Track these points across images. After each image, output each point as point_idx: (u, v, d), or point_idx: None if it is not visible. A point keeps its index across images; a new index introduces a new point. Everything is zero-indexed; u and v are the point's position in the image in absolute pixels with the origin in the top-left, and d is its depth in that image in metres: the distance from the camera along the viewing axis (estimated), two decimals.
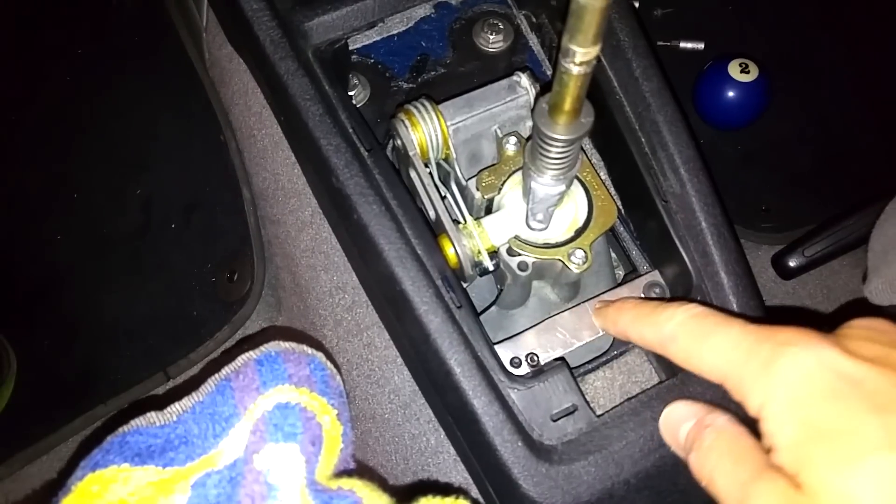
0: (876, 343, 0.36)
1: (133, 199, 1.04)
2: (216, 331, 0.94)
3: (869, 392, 0.33)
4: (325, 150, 0.57)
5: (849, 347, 0.35)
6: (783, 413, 0.34)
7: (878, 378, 0.34)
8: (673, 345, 0.42)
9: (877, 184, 0.84)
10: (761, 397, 0.36)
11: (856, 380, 0.34)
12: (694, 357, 0.41)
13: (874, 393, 0.33)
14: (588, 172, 0.56)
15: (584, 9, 0.34)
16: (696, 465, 0.40)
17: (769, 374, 0.35)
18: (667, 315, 0.43)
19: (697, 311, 0.42)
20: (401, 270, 0.53)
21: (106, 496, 0.38)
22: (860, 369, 0.34)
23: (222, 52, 0.82)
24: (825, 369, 0.34)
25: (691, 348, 0.41)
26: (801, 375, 0.35)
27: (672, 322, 0.43)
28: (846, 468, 0.32)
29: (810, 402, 0.34)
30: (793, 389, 0.34)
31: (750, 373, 0.37)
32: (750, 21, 1.25)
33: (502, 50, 0.67)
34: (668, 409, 0.46)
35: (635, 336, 0.48)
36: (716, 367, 0.39)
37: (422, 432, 0.63)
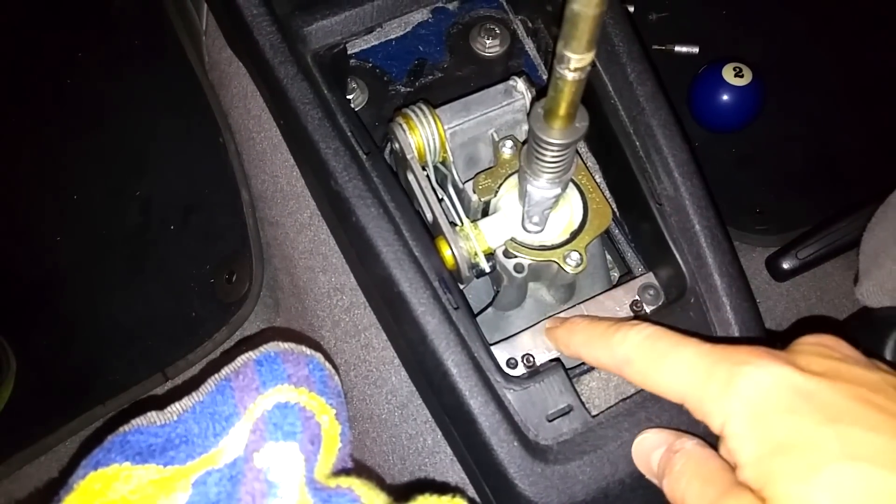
0: (826, 358, 0.37)
1: (132, 201, 1.04)
2: (214, 332, 0.94)
3: (822, 404, 0.34)
4: (324, 154, 0.57)
5: (800, 363, 0.36)
6: (744, 430, 0.35)
7: (830, 391, 0.35)
8: (628, 367, 0.43)
9: (868, 187, 0.84)
10: (722, 416, 0.36)
11: (809, 393, 0.35)
12: (651, 379, 0.41)
13: (827, 405, 0.34)
14: (583, 175, 0.57)
15: (578, 16, 0.35)
16: (669, 489, 0.41)
17: (728, 394, 0.36)
18: (619, 337, 0.44)
19: (650, 332, 0.42)
20: (398, 272, 0.54)
21: (108, 494, 0.38)
22: (812, 383, 0.35)
23: (222, 56, 0.82)
24: (781, 386, 0.35)
25: (647, 370, 0.41)
26: (758, 393, 0.36)
27: (625, 344, 0.43)
28: (806, 480, 0.32)
29: (768, 418, 0.35)
30: (751, 407, 0.35)
31: (709, 393, 0.37)
32: (744, 26, 1.26)
33: (499, 55, 0.67)
34: (639, 438, 0.47)
35: (589, 359, 0.48)
36: (673, 389, 0.40)
37: (419, 432, 0.63)
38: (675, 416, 0.52)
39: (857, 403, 0.34)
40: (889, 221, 0.68)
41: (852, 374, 0.36)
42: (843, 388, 0.35)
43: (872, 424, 0.33)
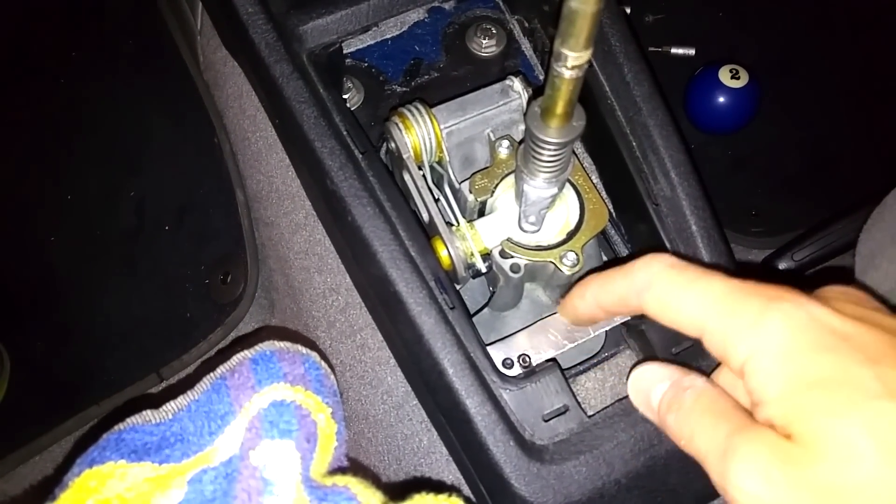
0: (857, 305, 0.36)
1: (127, 201, 1.04)
2: (209, 332, 0.94)
3: (860, 346, 0.33)
4: (320, 153, 0.57)
5: (835, 307, 0.35)
6: (772, 366, 0.34)
7: (867, 334, 0.34)
8: (647, 293, 0.40)
9: (864, 189, 0.85)
10: (748, 351, 0.35)
11: (846, 335, 0.34)
12: (671, 307, 0.39)
13: (865, 347, 0.33)
14: (580, 176, 0.57)
15: (576, 13, 0.35)
16: (676, 426, 0.39)
17: (758, 328, 0.35)
18: (640, 264, 0.41)
19: (675, 261, 0.40)
20: (394, 272, 0.54)
21: (103, 491, 0.38)
22: (849, 326, 0.34)
23: (217, 56, 0.82)
24: (816, 324, 0.34)
25: (668, 297, 0.39)
26: (791, 330, 0.34)
27: (647, 270, 0.40)
28: (842, 414, 0.31)
29: (801, 355, 0.34)
30: (783, 343, 0.34)
31: (736, 326, 0.36)
32: (740, 28, 1.27)
33: (495, 54, 0.67)
34: (639, 370, 0.43)
35: (607, 298, 0.44)
36: (694, 319, 0.38)
37: (414, 433, 0.63)
38: None
39: (893, 349, 0.33)
40: (885, 223, 0.68)
41: (884, 321, 0.35)
42: (879, 333, 0.34)
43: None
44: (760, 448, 0.33)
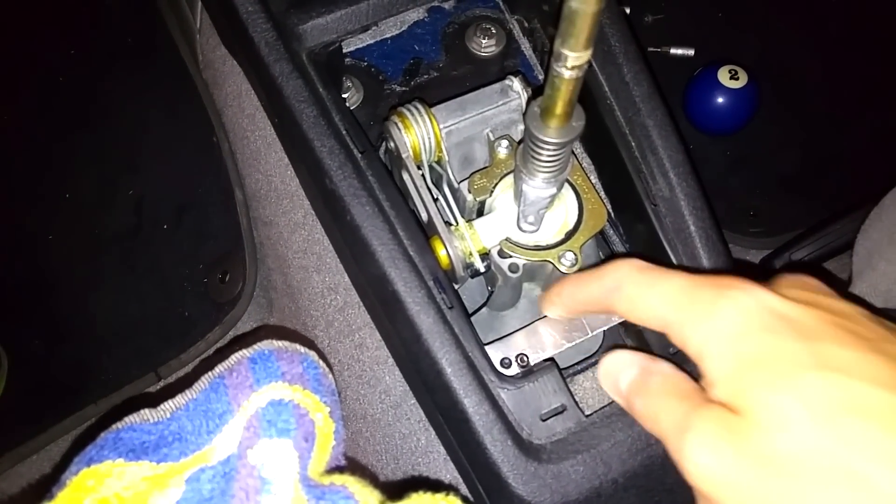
0: (805, 290, 0.39)
1: (125, 200, 1.04)
2: (207, 331, 0.94)
3: (799, 325, 0.36)
4: (319, 152, 0.57)
5: (782, 292, 0.38)
6: (722, 349, 0.36)
7: (807, 315, 0.36)
8: (618, 294, 0.43)
9: (862, 189, 0.85)
10: (702, 337, 0.37)
11: (789, 317, 0.36)
12: (639, 305, 0.42)
13: (803, 326, 0.35)
14: (578, 176, 0.57)
15: (576, 13, 0.35)
16: (643, 409, 0.41)
17: (710, 315, 0.37)
18: (610, 268, 0.44)
19: (641, 264, 0.43)
20: (393, 271, 0.54)
21: (101, 490, 0.38)
22: (792, 308, 0.36)
23: (216, 54, 0.82)
24: (762, 309, 0.36)
25: (636, 296, 0.42)
26: (740, 315, 0.37)
27: (617, 273, 0.43)
28: (778, 388, 0.34)
29: (747, 337, 0.36)
30: (731, 328, 0.37)
31: (692, 316, 0.38)
32: (739, 29, 1.27)
33: (494, 54, 0.67)
34: (609, 358, 0.45)
35: (579, 298, 0.47)
36: (658, 315, 0.40)
37: (412, 432, 0.63)
38: None
39: (831, 327, 0.35)
40: (883, 223, 0.68)
41: (829, 304, 0.37)
42: (820, 313, 0.36)
43: (845, 343, 0.35)
44: (710, 424, 0.36)
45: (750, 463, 0.34)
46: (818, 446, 0.32)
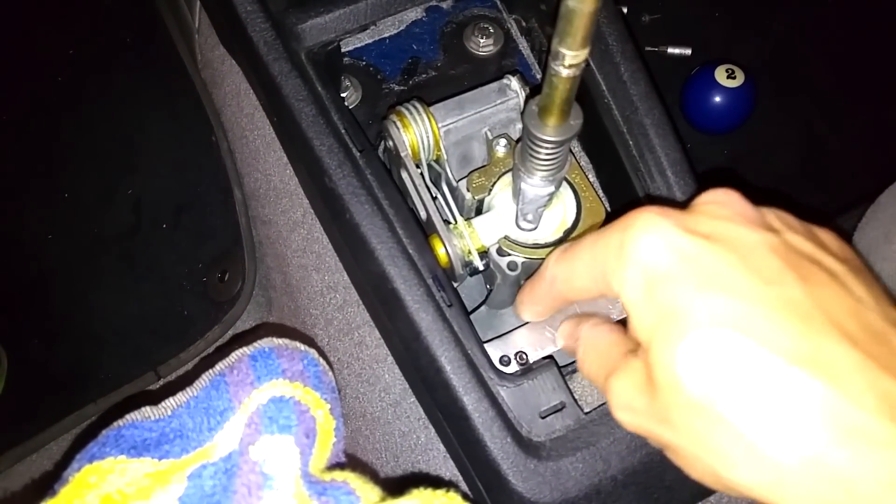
0: (714, 218, 0.37)
1: (124, 199, 1.04)
2: (206, 330, 0.94)
3: (699, 269, 0.35)
4: (318, 151, 0.57)
5: (688, 224, 0.37)
6: (638, 296, 0.36)
7: (708, 254, 0.35)
8: (557, 285, 0.44)
9: (859, 188, 0.85)
10: (619, 285, 0.37)
11: (690, 258, 0.35)
12: (573, 282, 0.42)
13: (703, 270, 0.35)
14: (576, 174, 0.57)
15: (574, 12, 0.35)
16: (579, 363, 0.45)
17: (622, 262, 0.37)
18: (544, 265, 0.45)
19: (565, 246, 0.44)
20: (392, 269, 0.54)
21: (103, 486, 0.39)
22: (694, 247, 0.35)
23: (214, 54, 0.82)
24: (667, 249, 0.36)
25: (567, 277, 0.42)
26: (648, 257, 0.36)
27: (549, 266, 0.44)
28: (673, 345, 0.34)
29: (656, 284, 0.36)
30: (643, 272, 0.36)
31: (609, 267, 0.38)
32: (736, 28, 1.27)
33: (492, 53, 0.68)
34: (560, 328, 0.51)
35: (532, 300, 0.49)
36: (588, 279, 0.40)
37: (412, 430, 0.63)
38: None
39: (729, 268, 0.35)
40: (879, 221, 0.68)
41: (731, 236, 0.36)
42: (720, 252, 0.35)
43: (738, 290, 0.34)
44: (624, 385, 0.38)
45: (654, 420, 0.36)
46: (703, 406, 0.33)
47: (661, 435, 0.37)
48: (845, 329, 0.33)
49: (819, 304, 0.33)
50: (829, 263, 0.36)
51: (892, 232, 0.66)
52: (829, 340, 0.32)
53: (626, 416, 0.39)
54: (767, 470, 0.32)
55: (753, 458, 0.32)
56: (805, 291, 0.34)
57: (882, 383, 0.31)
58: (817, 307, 0.33)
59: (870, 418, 0.30)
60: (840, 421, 0.31)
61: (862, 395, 0.31)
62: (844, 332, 0.33)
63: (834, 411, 0.31)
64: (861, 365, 0.32)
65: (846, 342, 0.32)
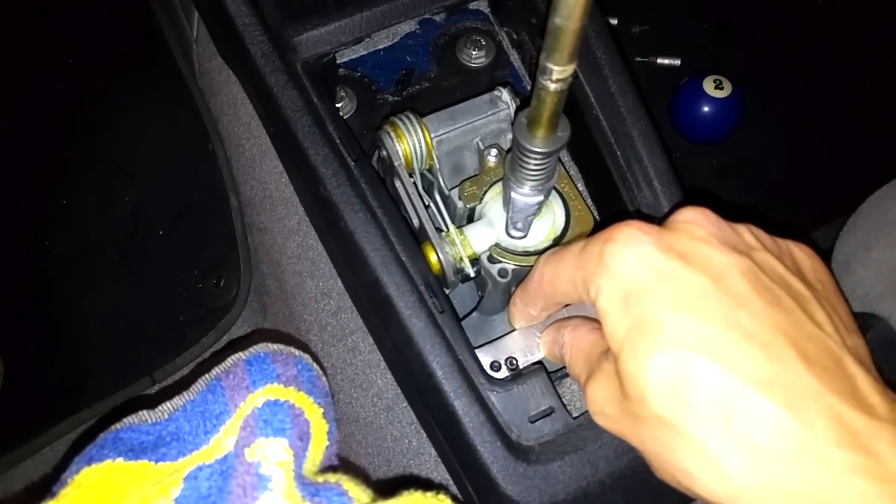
0: (690, 237, 0.38)
1: (121, 206, 1.05)
2: (202, 336, 0.94)
3: (674, 289, 0.36)
4: (314, 160, 0.58)
5: (667, 242, 0.38)
6: (611, 306, 0.37)
7: (683, 274, 0.36)
8: (542, 283, 0.45)
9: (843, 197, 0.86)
10: (595, 293, 0.39)
11: (666, 276, 0.36)
12: (557, 285, 0.43)
13: (677, 289, 0.36)
14: (566, 184, 0.58)
15: (560, 29, 0.36)
16: (567, 365, 0.48)
17: (599, 271, 0.38)
18: (532, 271, 0.47)
19: (554, 249, 0.45)
20: (385, 276, 0.55)
21: (101, 488, 0.39)
22: (670, 266, 0.37)
23: (212, 64, 0.83)
24: (644, 264, 0.37)
25: (552, 277, 0.43)
26: (624, 270, 0.37)
27: (537, 267, 0.45)
28: (641, 360, 0.36)
29: (630, 297, 0.37)
30: (618, 283, 0.37)
31: (589, 274, 0.39)
32: (724, 39, 1.29)
33: (484, 65, 0.68)
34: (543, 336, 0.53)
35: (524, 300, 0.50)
36: (569, 284, 0.42)
37: (404, 434, 0.64)
38: None
39: (700, 290, 0.36)
40: (859, 230, 0.69)
41: (705, 257, 0.37)
42: (693, 273, 0.36)
43: (707, 313, 0.35)
44: (599, 389, 0.41)
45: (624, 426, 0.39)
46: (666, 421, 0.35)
47: (631, 440, 0.39)
48: (805, 354, 0.35)
49: (782, 329, 0.35)
50: (796, 287, 0.38)
51: (871, 240, 0.67)
52: (788, 365, 0.34)
53: (601, 420, 0.41)
54: (725, 485, 0.34)
55: (712, 473, 0.34)
56: (770, 317, 0.35)
57: (834, 408, 0.33)
58: (780, 332, 0.35)
59: (818, 441, 0.32)
60: (792, 443, 0.33)
61: (814, 419, 0.33)
62: (804, 357, 0.34)
63: (787, 434, 0.33)
64: (815, 390, 0.34)
65: (804, 367, 0.34)
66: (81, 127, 1.10)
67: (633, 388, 0.36)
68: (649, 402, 0.35)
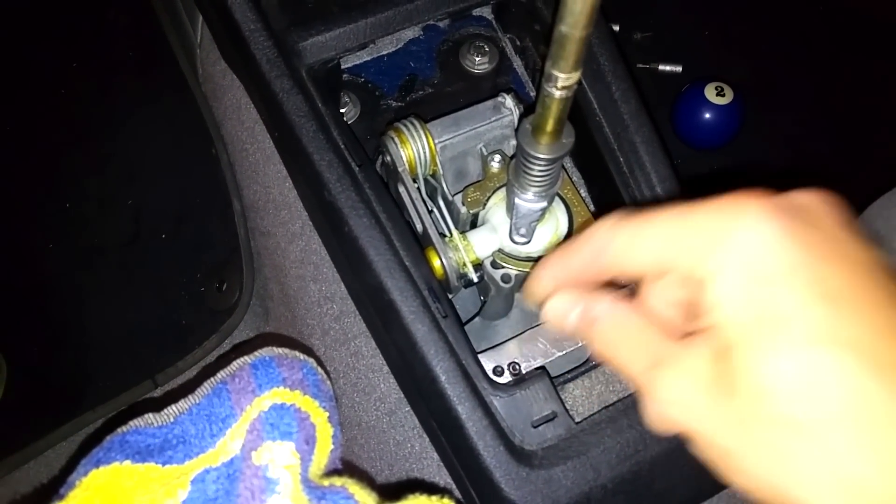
0: (827, 223, 0.34)
1: (124, 209, 1.05)
2: (204, 339, 0.94)
3: (818, 279, 0.31)
4: (318, 165, 0.58)
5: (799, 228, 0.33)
6: (732, 291, 0.32)
7: (830, 264, 0.32)
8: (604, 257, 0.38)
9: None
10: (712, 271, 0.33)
11: (808, 264, 0.32)
12: (633, 251, 0.37)
13: (822, 280, 0.31)
14: (569, 190, 0.58)
15: (566, 37, 0.36)
16: (597, 352, 0.39)
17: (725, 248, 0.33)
18: (592, 230, 0.39)
19: (624, 213, 0.38)
20: (389, 281, 0.55)
21: (110, 490, 0.40)
22: (813, 253, 0.32)
23: (216, 69, 0.83)
24: (781, 249, 0.32)
25: (628, 242, 0.37)
26: (756, 252, 0.32)
27: (600, 229, 0.38)
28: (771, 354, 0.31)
29: (760, 282, 0.32)
30: (745, 266, 0.32)
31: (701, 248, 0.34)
32: (726, 47, 1.29)
33: (487, 71, 0.69)
34: (551, 302, 0.42)
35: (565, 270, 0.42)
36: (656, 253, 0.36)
37: (406, 439, 0.64)
38: None
39: (855, 283, 0.31)
40: None
41: (851, 248, 0.33)
42: (843, 263, 0.32)
43: (868, 310, 0.31)
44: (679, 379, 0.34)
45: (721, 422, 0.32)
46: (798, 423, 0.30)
47: (723, 438, 0.33)
48: None
49: None
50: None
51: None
52: None
53: (677, 412, 0.34)
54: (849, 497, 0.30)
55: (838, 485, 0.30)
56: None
57: None
58: None
59: None
60: None
61: None
62: None
63: None
64: None
65: None
66: (85, 131, 1.10)
67: (752, 383, 0.31)
68: (774, 400, 0.30)
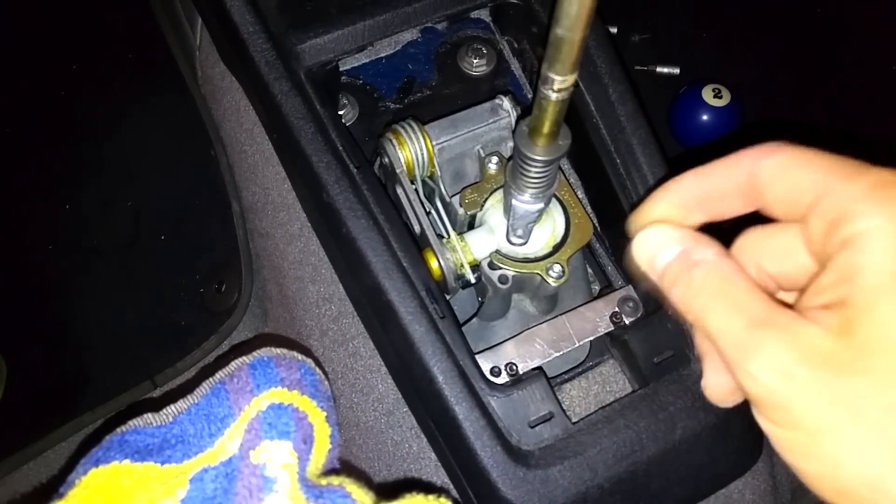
0: None
1: (123, 211, 1.05)
2: (203, 340, 0.95)
3: None
4: (317, 167, 0.59)
5: None
6: (888, 260, 0.30)
7: None
8: (768, 158, 0.36)
9: None
10: (866, 222, 0.30)
11: None
12: (794, 169, 0.35)
13: None
14: (566, 191, 0.58)
15: (562, 40, 0.36)
16: (682, 303, 0.35)
17: (885, 203, 0.30)
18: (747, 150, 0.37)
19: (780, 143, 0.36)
20: (387, 282, 0.55)
21: (109, 489, 0.40)
22: None
23: (215, 71, 0.83)
24: None
25: (791, 160, 0.35)
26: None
27: (760, 149, 0.37)
28: None
29: None
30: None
31: (859, 192, 0.31)
32: (723, 49, 1.29)
33: (485, 74, 0.69)
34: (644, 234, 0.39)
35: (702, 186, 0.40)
36: (816, 181, 0.33)
37: (404, 439, 0.64)
38: (651, 423, 0.54)
39: None
40: None
41: None
42: None
43: None
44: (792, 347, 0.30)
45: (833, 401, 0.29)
46: None
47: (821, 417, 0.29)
48: None
49: None
50: None
51: None
52: None
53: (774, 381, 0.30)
54: None
55: None
56: None
57: None
58: None
59: None
60: None
61: None
62: None
63: None
64: None
65: None
66: (84, 132, 1.10)
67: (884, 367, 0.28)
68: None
